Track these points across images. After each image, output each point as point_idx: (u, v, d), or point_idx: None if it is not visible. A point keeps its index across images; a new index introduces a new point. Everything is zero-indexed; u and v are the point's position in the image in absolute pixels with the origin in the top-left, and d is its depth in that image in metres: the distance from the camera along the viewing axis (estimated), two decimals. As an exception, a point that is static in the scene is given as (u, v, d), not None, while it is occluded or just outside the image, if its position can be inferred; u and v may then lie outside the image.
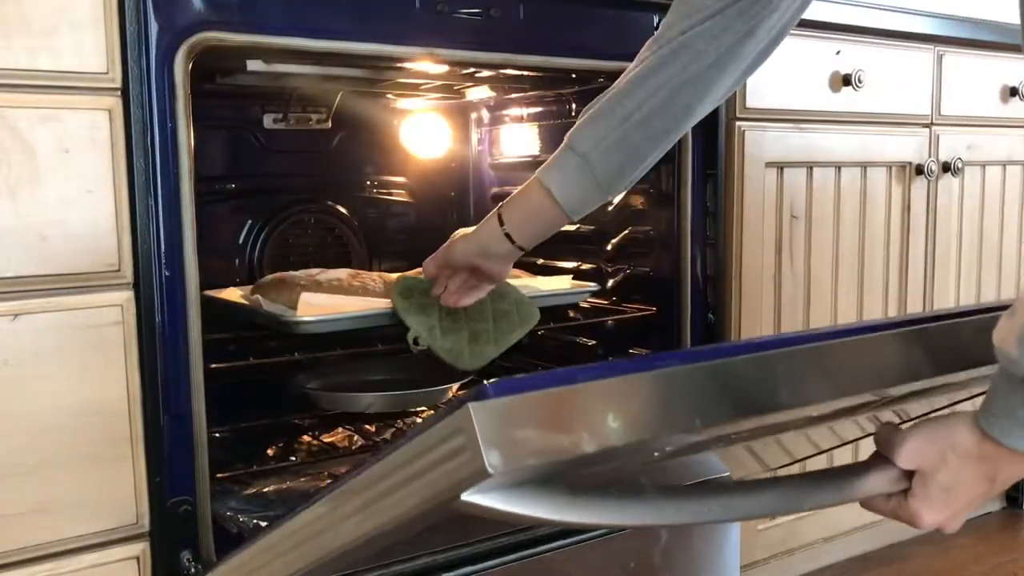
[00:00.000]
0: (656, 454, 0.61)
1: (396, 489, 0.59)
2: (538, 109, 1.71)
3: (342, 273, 1.35)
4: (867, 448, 0.75)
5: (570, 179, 1.08)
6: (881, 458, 0.71)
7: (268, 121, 1.60)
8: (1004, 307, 0.67)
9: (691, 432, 0.59)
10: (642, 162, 1.09)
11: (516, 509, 0.56)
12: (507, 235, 1.14)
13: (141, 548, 0.99)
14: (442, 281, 1.22)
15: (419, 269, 1.26)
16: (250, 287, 1.39)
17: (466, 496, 0.54)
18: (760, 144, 1.43)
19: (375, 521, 0.61)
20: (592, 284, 1.46)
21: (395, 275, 1.36)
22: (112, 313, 0.95)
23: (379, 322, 1.25)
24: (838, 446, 1.06)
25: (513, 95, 1.70)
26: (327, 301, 1.24)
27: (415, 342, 1.22)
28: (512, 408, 0.53)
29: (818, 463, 1.06)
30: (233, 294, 1.37)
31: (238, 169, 1.60)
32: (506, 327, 1.28)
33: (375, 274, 1.38)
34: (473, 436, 0.51)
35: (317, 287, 1.28)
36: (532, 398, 0.53)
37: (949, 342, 0.73)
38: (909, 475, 0.70)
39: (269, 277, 1.36)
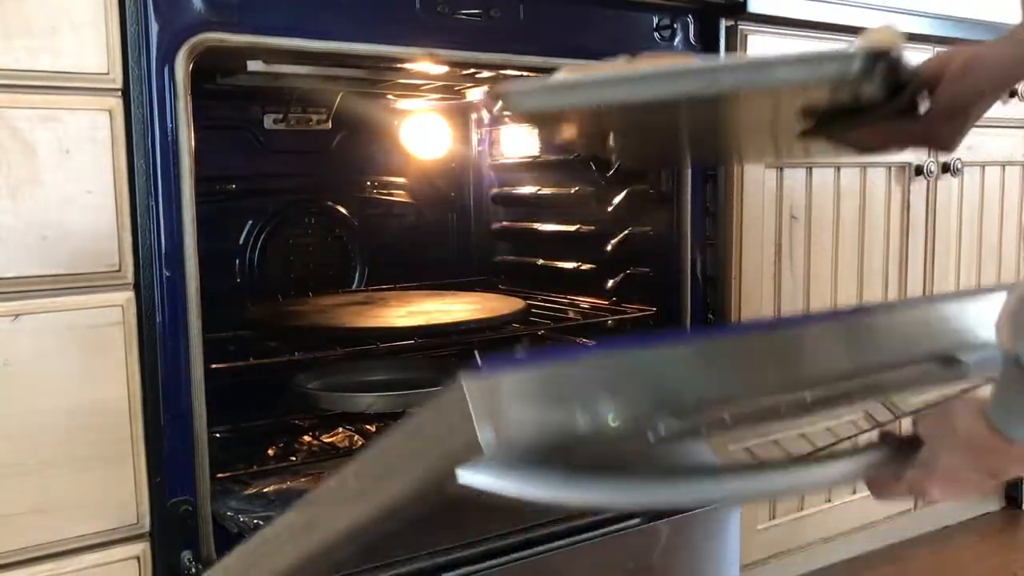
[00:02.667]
0: (650, 436, 0.61)
1: (393, 469, 0.59)
2: (538, 109, 1.71)
3: None
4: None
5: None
6: (887, 434, 0.72)
7: (268, 121, 1.60)
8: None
9: (683, 414, 0.59)
10: None
11: (511, 489, 0.56)
12: None
13: (141, 548, 0.99)
14: None
15: None
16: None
17: (462, 474, 0.54)
18: (760, 144, 1.43)
19: (373, 503, 0.61)
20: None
21: None
22: (112, 313, 0.95)
23: None
24: (834, 443, 1.05)
25: (513, 95, 1.70)
26: None
27: None
28: (506, 385, 0.53)
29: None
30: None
31: (238, 169, 1.60)
32: None
33: None
34: (467, 412, 0.52)
35: None
36: (526, 375, 0.54)
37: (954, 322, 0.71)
38: (915, 448, 0.71)
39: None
